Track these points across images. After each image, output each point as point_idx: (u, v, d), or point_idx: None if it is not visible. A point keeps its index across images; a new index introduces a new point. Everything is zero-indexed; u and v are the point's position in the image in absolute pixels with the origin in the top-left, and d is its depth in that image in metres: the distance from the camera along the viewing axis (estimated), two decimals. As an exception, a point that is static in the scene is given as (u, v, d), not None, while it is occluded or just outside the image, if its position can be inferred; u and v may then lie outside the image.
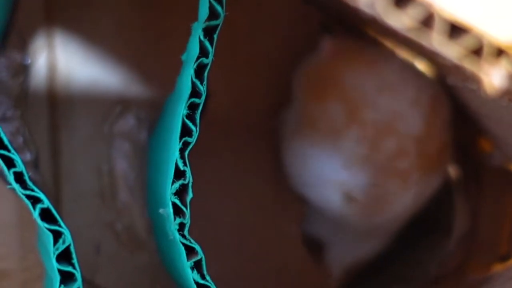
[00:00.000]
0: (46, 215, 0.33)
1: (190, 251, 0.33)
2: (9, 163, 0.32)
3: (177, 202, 0.33)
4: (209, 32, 0.33)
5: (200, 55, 0.33)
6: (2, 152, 0.32)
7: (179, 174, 0.33)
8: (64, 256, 0.33)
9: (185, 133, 0.33)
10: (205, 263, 0.33)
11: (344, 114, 0.41)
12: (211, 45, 0.33)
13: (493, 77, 0.28)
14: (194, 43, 0.33)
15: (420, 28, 0.28)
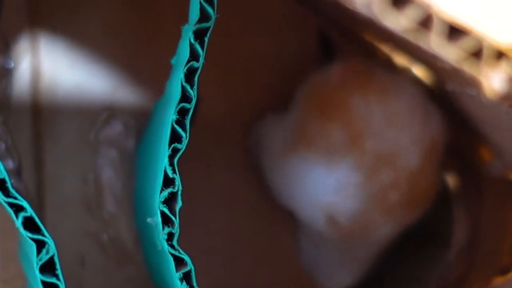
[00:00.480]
0: (29, 224, 0.33)
1: (179, 262, 0.33)
2: (-9, 170, 0.32)
3: (166, 211, 0.33)
4: (200, 35, 0.33)
5: (191, 59, 0.33)
6: (-16, 159, 0.32)
7: (168, 182, 0.33)
8: (48, 267, 0.33)
9: (175, 139, 0.33)
10: (195, 275, 0.33)
11: (346, 139, 0.42)
12: (202, 48, 0.33)
13: (493, 81, 0.28)
14: (184, 46, 0.34)
15: (418, 30, 0.28)
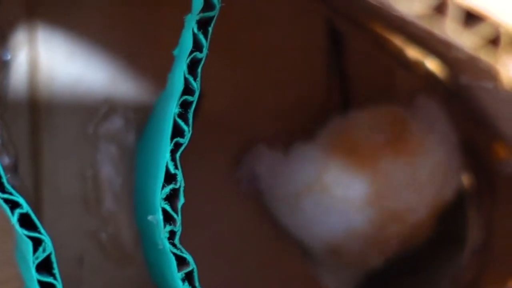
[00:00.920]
0: (26, 221, 0.33)
1: (181, 262, 0.33)
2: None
3: (168, 208, 0.33)
4: (204, 25, 0.33)
5: (194, 49, 0.33)
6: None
7: (170, 178, 0.33)
8: (45, 266, 0.33)
9: (177, 134, 0.33)
10: (197, 275, 0.33)
11: (365, 193, 0.43)
12: (206, 39, 0.33)
13: (511, 69, 0.28)
14: (187, 37, 0.33)
15: (433, 15, 0.28)
